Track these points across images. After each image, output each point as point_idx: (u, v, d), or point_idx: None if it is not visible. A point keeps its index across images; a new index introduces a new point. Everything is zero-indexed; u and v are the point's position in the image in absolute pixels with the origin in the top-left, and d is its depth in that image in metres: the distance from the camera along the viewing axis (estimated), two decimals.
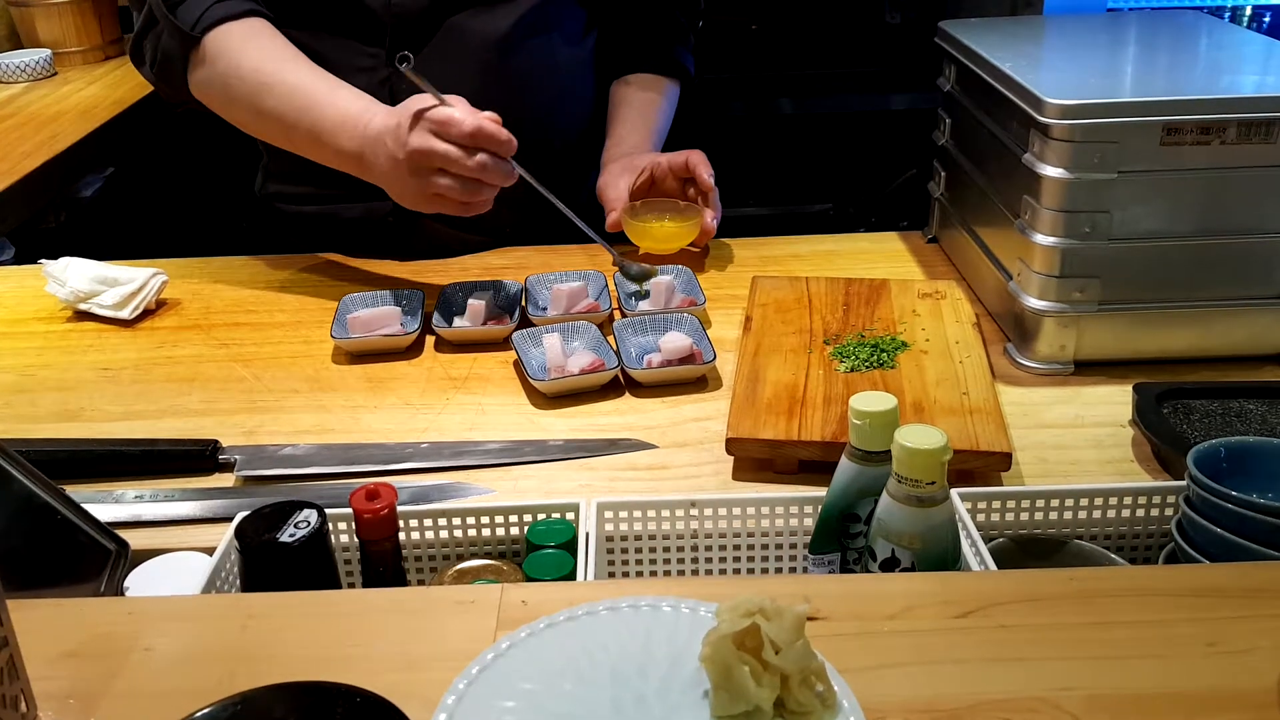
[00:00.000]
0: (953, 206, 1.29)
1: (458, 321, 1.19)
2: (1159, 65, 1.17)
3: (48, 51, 2.26)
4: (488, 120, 1.09)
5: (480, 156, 1.09)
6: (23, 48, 2.33)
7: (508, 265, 1.36)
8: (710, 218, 1.31)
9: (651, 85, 1.48)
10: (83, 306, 1.26)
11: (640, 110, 1.47)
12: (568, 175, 1.48)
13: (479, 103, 1.11)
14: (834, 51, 2.68)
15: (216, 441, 0.99)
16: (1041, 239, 1.03)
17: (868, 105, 2.58)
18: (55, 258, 1.28)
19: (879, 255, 1.36)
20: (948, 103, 1.29)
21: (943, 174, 1.31)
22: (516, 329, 1.15)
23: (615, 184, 1.35)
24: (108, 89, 2.16)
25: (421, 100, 1.10)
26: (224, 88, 1.22)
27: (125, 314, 1.25)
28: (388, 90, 1.28)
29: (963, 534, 0.78)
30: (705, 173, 1.31)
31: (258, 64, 1.20)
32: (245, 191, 1.51)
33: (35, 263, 1.31)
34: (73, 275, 1.26)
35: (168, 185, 2.27)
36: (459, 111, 1.08)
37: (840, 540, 0.80)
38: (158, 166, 2.24)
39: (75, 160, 1.86)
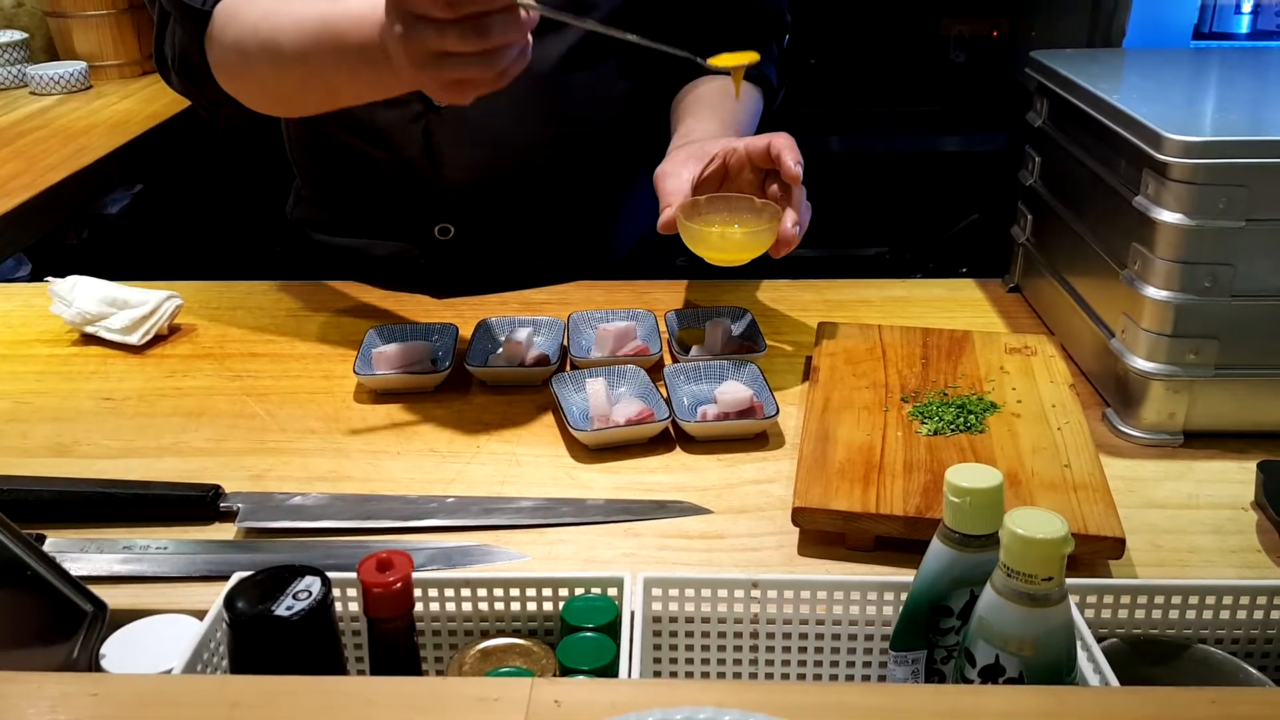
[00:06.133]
0: (1041, 253, 1.17)
1: (492, 360, 1.09)
2: None
3: (83, 64, 2.21)
4: None
5: (481, 25, 0.85)
6: (59, 59, 2.28)
7: (549, 300, 1.26)
8: (792, 222, 1.01)
9: (726, 81, 1.22)
10: (89, 329, 1.17)
11: (714, 104, 1.20)
12: (628, 219, 1.38)
13: (528, 139, 0.98)
14: (893, 89, 2.59)
15: (218, 487, 0.89)
16: (1153, 292, 0.92)
17: (925, 146, 2.49)
18: (69, 276, 1.20)
19: (955, 304, 1.24)
20: (1038, 140, 1.17)
21: (1029, 217, 1.20)
22: (556, 371, 1.05)
23: (677, 173, 1.07)
24: (142, 103, 2.10)
25: None
26: (240, 51, 1.08)
27: (134, 339, 1.15)
28: (421, 129, 1.19)
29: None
30: (791, 159, 1.02)
31: (266, 10, 1.05)
32: (277, 215, 1.43)
33: (44, 280, 1.22)
34: (80, 295, 1.17)
35: (197, 205, 2.20)
36: None
37: (929, 636, 0.69)
38: (188, 185, 2.17)
39: (102, 175, 1.80)
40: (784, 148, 1.03)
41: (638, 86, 1.28)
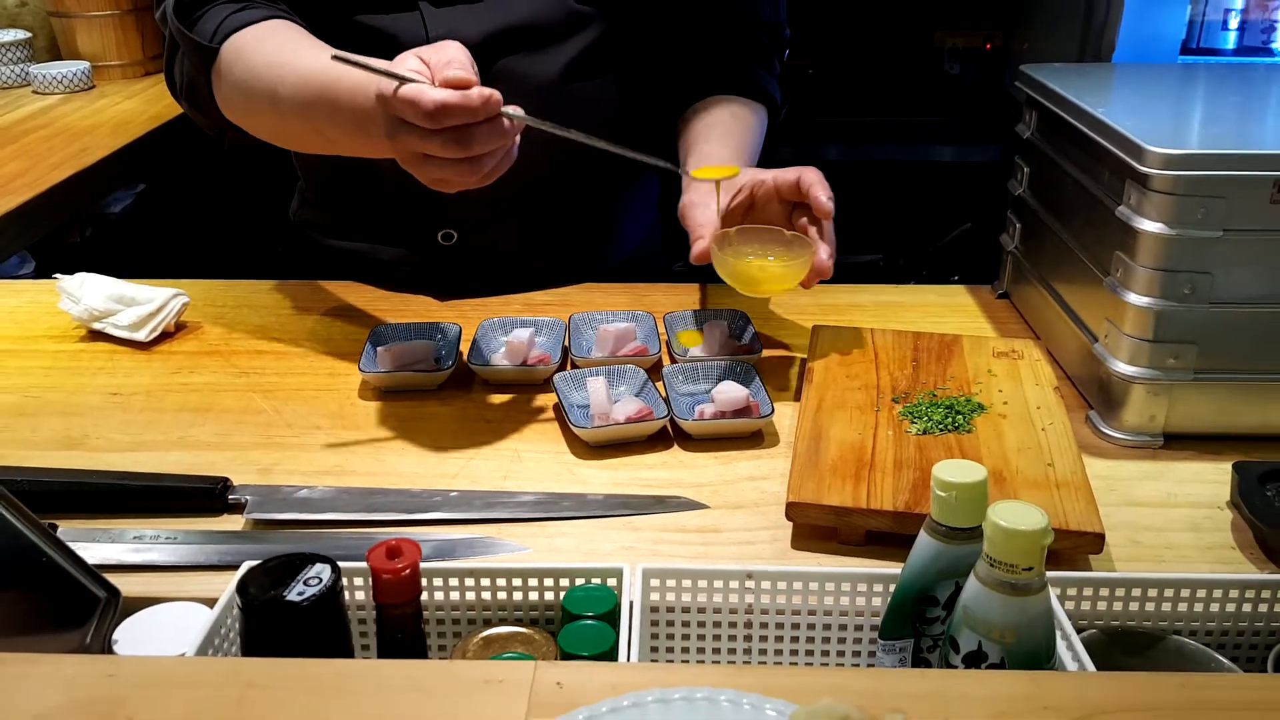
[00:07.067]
0: (1028, 260, 1.20)
1: (495, 359, 1.11)
2: (1265, 117, 1.09)
3: (86, 64, 2.23)
4: (451, 92, 0.86)
5: (464, 136, 0.88)
6: (62, 59, 2.30)
7: (551, 302, 1.29)
8: (826, 254, 1.04)
9: (734, 104, 1.27)
10: (97, 326, 1.19)
11: (725, 127, 1.23)
12: (628, 225, 1.40)
13: (531, 147, 0.97)
14: (888, 99, 2.62)
15: (227, 480, 0.92)
16: (1135, 299, 0.95)
17: (919, 155, 2.52)
18: (76, 273, 1.22)
19: (946, 309, 1.27)
20: (1026, 151, 1.20)
21: (1018, 226, 1.23)
22: (558, 370, 1.07)
23: (705, 204, 1.10)
24: (145, 104, 2.12)
25: (387, 83, 0.89)
26: (244, 92, 1.09)
27: (141, 336, 1.17)
28: None
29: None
30: (824, 194, 1.04)
31: (271, 58, 1.06)
32: (280, 216, 1.45)
33: (51, 277, 1.24)
34: (88, 292, 1.19)
35: (200, 205, 2.22)
36: (413, 89, 0.87)
37: (915, 626, 0.71)
38: (191, 185, 2.19)
39: (105, 175, 1.82)
40: (814, 183, 1.05)
41: (638, 96, 1.30)
